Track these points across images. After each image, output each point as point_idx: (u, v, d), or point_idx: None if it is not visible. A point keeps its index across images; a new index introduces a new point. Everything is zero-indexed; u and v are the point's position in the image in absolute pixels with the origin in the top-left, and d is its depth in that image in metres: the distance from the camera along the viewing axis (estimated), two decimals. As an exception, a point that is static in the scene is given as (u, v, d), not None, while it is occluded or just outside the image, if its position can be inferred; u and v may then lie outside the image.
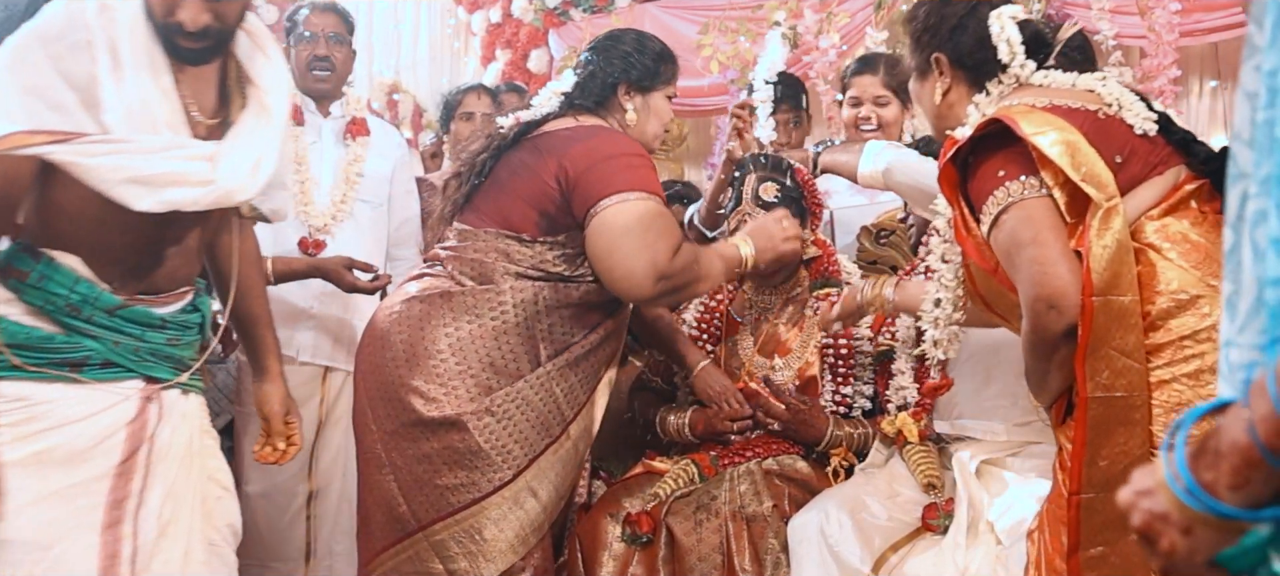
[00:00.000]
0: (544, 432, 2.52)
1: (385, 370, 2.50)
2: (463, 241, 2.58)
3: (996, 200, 1.85)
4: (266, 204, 2.19)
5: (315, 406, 3.42)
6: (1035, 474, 2.35)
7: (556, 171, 2.49)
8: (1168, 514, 0.95)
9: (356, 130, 3.54)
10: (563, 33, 5.20)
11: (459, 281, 2.54)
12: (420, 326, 2.50)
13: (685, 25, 4.85)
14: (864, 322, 2.91)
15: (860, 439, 2.83)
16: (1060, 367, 1.82)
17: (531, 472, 2.50)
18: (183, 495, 2.10)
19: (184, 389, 2.16)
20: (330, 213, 3.44)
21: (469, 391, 2.46)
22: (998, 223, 1.85)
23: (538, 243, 2.53)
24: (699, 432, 2.90)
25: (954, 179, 1.96)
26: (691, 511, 2.66)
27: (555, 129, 2.62)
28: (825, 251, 3.03)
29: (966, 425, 2.58)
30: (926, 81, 2.14)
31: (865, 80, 3.54)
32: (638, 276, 2.41)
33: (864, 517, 2.46)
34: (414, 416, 2.45)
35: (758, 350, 2.96)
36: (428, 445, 2.45)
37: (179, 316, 2.15)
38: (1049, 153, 1.80)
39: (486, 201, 2.60)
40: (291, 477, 3.38)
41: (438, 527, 2.46)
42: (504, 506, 2.47)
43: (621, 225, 2.43)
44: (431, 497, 2.46)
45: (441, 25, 6.14)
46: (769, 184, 2.88)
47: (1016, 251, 1.82)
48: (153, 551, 2.02)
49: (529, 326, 2.52)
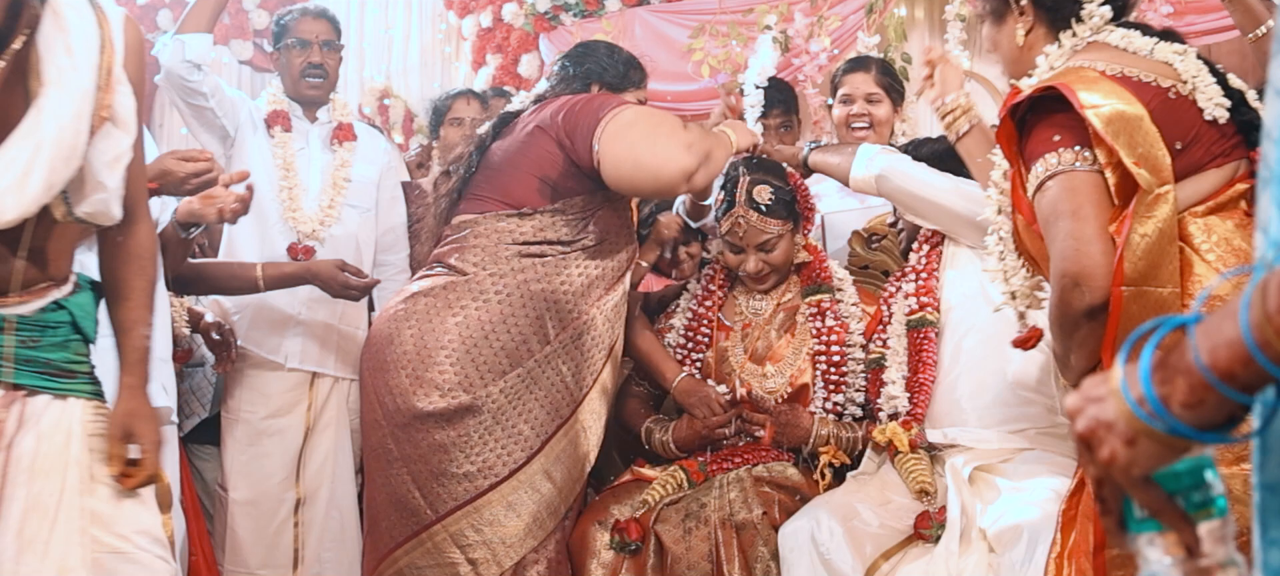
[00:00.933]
0: (554, 414, 2.58)
1: (395, 365, 2.53)
2: (462, 232, 2.63)
3: (1047, 166, 1.77)
4: (82, 208, 1.99)
5: (302, 413, 3.41)
6: (1028, 480, 2.34)
7: (551, 131, 2.59)
8: (1114, 422, 0.93)
9: (343, 136, 3.53)
10: (553, 38, 5.18)
11: (462, 270, 2.58)
12: (428, 319, 2.54)
13: (676, 29, 4.83)
14: (856, 330, 2.89)
15: (851, 442, 2.80)
16: (1081, 347, 1.77)
17: (544, 455, 2.55)
18: (54, 507, 1.92)
19: (59, 393, 1.98)
20: (318, 218, 3.43)
21: (481, 376, 2.51)
22: (1042, 188, 1.78)
23: (539, 213, 2.60)
24: (686, 446, 2.86)
25: (1011, 134, 1.88)
26: (681, 519, 2.64)
27: (534, 109, 2.74)
28: (816, 257, 3.01)
29: (958, 434, 2.56)
30: (1005, 23, 2.04)
31: (857, 78, 3.53)
32: (669, 154, 2.49)
33: (856, 525, 2.44)
34: (428, 407, 2.49)
35: (748, 357, 2.93)
36: (442, 434, 2.50)
37: (37, 317, 1.98)
38: (1103, 132, 1.71)
39: (482, 187, 2.66)
40: (278, 484, 3.36)
41: (456, 517, 2.49)
42: (520, 490, 2.53)
43: (628, 123, 2.54)
44: (448, 487, 2.50)
45: (432, 30, 6.11)
46: (762, 187, 2.85)
47: (1054, 222, 1.76)
48: (13, 570, 1.86)
49: (535, 303, 2.56)
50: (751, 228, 2.85)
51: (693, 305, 3.06)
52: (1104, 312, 1.71)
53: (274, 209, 3.40)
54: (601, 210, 2.70)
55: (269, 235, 3.39)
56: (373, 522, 2.64)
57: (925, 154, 2.82)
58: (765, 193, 2.84)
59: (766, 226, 2.85)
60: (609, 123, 2.53)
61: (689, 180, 2.51)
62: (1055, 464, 2.42)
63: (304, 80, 3.48)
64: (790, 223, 2.90)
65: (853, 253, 3.29)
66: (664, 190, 2.62)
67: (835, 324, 2.89)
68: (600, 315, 2.66)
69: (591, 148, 2.54)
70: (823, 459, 2.76)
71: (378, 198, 3.59)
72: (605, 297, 2.68)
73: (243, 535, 3.34)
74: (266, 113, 3.47)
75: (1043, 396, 2.54)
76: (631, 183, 2.58)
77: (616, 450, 3.18)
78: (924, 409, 2.64)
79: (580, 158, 2.57)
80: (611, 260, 2.70)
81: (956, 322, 2.67)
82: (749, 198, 2.84)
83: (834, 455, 2.77)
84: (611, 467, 3.12)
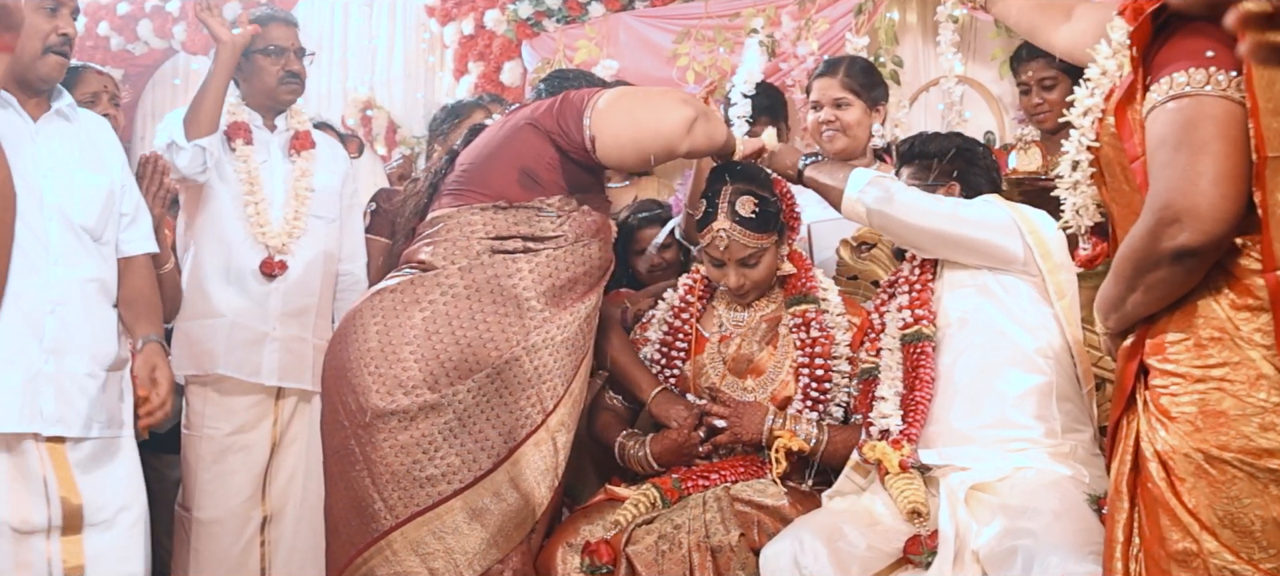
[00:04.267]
0: (523, 421, 2.50)
1: (358, 363, 2.48)
2: (434, 227, 2.61)
3: (1191, 81, 1.57)
4: None
5: (268, 428, 3.39)
6: (1025, 501, 2.25)
7: (538, 123, 2.59)
8: None
9: (301, 144, 3.50)
10: (536, 44, 5.14)
11: (431, 264, 2.55)
12: (393, 314, 2.50)
13: (661, 34, 4.77)
14: (842, 342, 2.79)
15: (810, 437, 2.65)
16: (1148, 292, 1.63)
17: (512, 463, 2.48)
18: None
19: None
20: (286, 231, 3.38)
21: (447, 374, 2.46)
22: (1169, 105, 1.58)
23: (516, 207, 2.56)
24: (663, 460, 2.75)
25: (1146, 35, 1.65)
26: (653, 541, 2.52)
27: (510, 111, 2.75)
28: (801, 267, 2.88)
29: (954, 454, 2.46)
30: None
31: (824, 83, 3.49)
32: (666, 106, 2.52)
33: (841, 546, 2.33)
34: (391, 405, 2.43)
35: (729, 371, 2.81)
36: (405, 435, 2.43)
37: None
38: (1256, 81, 1.50)
39: (460, 182, 2.64)
40: (244, 503, 3.33)
41: (417, 522, 2.43)
42: (485, 498, 2.45)
43: (618, 94, 2.59)
44: (408, 491, 2.43)
45: (417, 40, 6.07)
46: (746, 198, 2.72)
47: (1174, 150, 1.55)
48: None
49: (505, 300, 2.51)
50: (733, 242, 2.72)
51: (669, 317, 2.95)
52: (1194, 261, 1.57)
53: (239, 226, 3.35)
54: (580, 211, 2.64)
55: (235, 250, 3.35)
56: (333, 530, 2.56)
57: (933, 150, 2.74)
58: (749, 204, 2.71)
59: (748, 240, 2.72)
60: (598, 99, 2.54)
61: (690, 130, 2.50)
62: (1054, 485, 2.32)
63: (282, 87, 3.44)
64: (774, 235, 2.78)
65: (841, 261, 3.19)
66: (666, 146, 2.52)
67: (820, 335, 2.78)
68: (573, 320, 2.59)
69: (583, 126, 2.52)
70: (777, 442, 2.62)
71: (341, 206, 3.56)
72: (578, 303, 2.61)
73: (207, 556, 3.29)
74: (226, 125, 3.39)
75: (1042, 418, 2.45)
76: (634, 144, 2.54)
77: (593, 467, 3.07)
78: (918, 428, 2.52)
79: (572, 142, 2.55)
80: (587, 265, 2.63)
81: (954, 338, 2.57)
82: (732, 209, 2.71)
83: (790, 437, 2.62)
84: (587, 485, 3.01)
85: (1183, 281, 1.61)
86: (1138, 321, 1.69)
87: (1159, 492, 1.65)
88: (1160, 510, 1.65)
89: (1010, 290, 2.52)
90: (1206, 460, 1.60)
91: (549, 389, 2.54)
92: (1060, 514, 2.19)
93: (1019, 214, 2.54)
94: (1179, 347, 1.65)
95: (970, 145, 2.81)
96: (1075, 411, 2.49)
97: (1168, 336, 1.67)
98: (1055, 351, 2.49)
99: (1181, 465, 1.63)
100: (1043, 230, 2.51)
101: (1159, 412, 1.67)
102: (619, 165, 2.68)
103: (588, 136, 2.53)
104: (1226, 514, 1.58)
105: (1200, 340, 1.63)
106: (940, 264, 2.65)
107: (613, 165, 2.65)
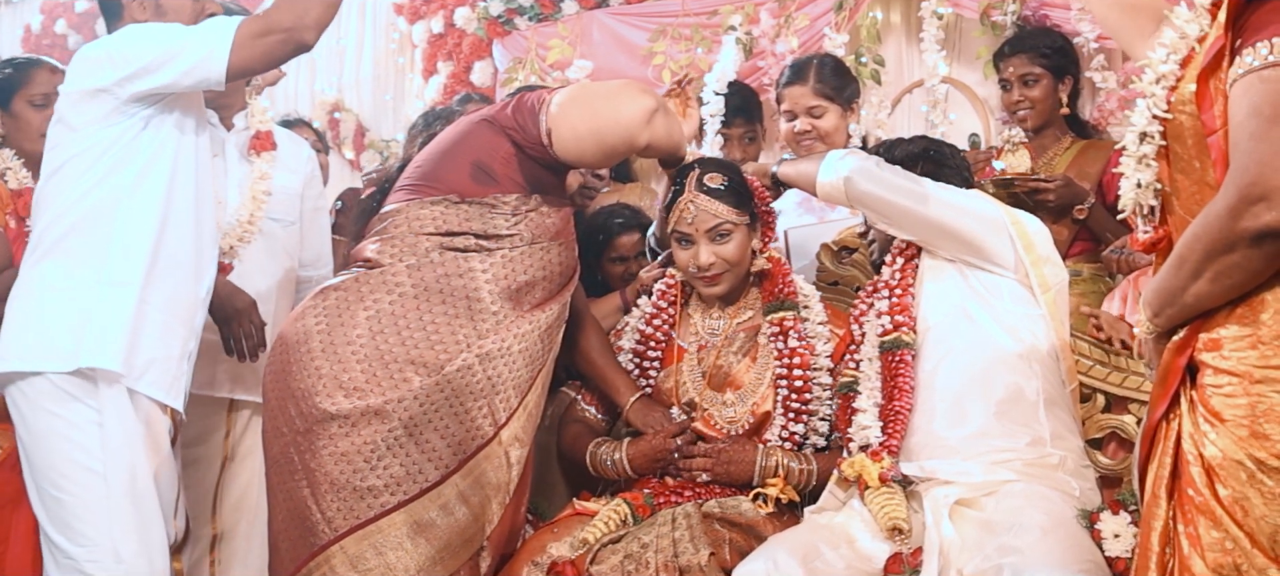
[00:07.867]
0: (474, 432, 2.41)
1: (299, 365, 2.40)
2: (383, 223, 2.54)
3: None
4: None
5: (219, 441, 3.27)
6: (1012, 516, 2.19)
7: (495, 121, 2.55)
8: None
9: (261, 145, 3.34)
10: (508, 43, 5.04)
11: (378, 261, 2.47)
12: (337, 313, 2.43)
13: (636, 32, 4.67)
14: (822, 352, 2.70)
15: (803, 475, 2.60)
16: (1217, 280, 1.51)
17: (461, 476, 2.39)
18: None
19: None
20: (237, 233, 3.23)
21: (392, 378, 2.37)
22: (1265, 73, 1.45)
23: (468, 203, 2.49)
24: (640, 466, 2.66)
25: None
26: (619, 560, 2.41)
27: (468, 111, 2.75)
28: (778, 270, 2.76)
29: (937, 467, 2.38)
30: None
31: (795, 91, 3.41)
32: (625, 98, 2.51)
33: (818, 566, 2.25)
34: (333, 409, 2.34)
35: (706, 384, 2.69)
36: (346, 442, 2.34)
37: None
38: None
39: (412, 177, 2.58)
40: (193, 520, 3.15)
41: (356, 536, 2.33)
42: (431, 512, 2.36)
43: (576, 89, 2.58)
44: (349, 502, 2.33)
45: (386, 40, 5.96)
46: (715, 173, 2.67)
47: (1269, 122, 1.44)
48: None
49: (455, 301, 2.43)
50: (701, 211, 2.63)
51: (641, 325, 2.84)
52: (1277, 245, 1.45)
53: None
54: (537, 211, 2.55)
55: None
56: (273, 546, 2.46)
57: (899, 156, 2.66)
58: (717, 178, 2.66)
59: (717, 209, 2.63)
60: (555, 96, 2.52)
61: (649, 121, 2.48)
62: (1041, 499, 2.26)
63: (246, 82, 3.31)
64: (746, 216, 2.67)
65: (822, 267, 3.11)
66: (625, 137, 2.48)
67: (799, 344, 2.67)
68: (533, 329, 2.49)
69: (539, 119, 2.47)
70: (770, 491, 2.55)
71: (302, 209, 3.41)
72: (539, 310, 2.52)
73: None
74: None
75: (1029, 426, 2.38)
76: (593, 136, 2.49)
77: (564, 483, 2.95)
78: (898, 439, 2.45)
79: (528, 136, 2.49)
80: (546, 269, 2.54)
81: (935, 344, 2.50)
82: (700, 181, 2.65)
83: (782, 489, 2.56)
84: (555, 500, 2.89)
85: (1259, 270, 1.49)
86: (1194, 316, 1.58)
87: (1202, 501, 1.54)
88: (1200, 516, 1.54)
89: (994, 291, 2.47)
90: (1259, 468, 1.48)
91: (502, 400, 2.44)
92: (1048, 530, 2.13)
93: (1001, 206, 2.52)
94: (1240, 344, 1.54)
95: (938, 147, 2.78)
96: (1064, 418, 2.44)
97: (1227, 331, 1.56)
98: (1042, 355, 2.43)
99: (1230, 472, 1.51)
100: (1025, 220, 2.48)
101: (1209, 414, 1.56)
102: (578, 159, 2.59)
103: (544, 128, 2.46)
104: (1276, 527, 1.47)
105: (1263, 338, 1.51)
106: (921, 262, 2.58)
107: (571, 160, 2.56)
